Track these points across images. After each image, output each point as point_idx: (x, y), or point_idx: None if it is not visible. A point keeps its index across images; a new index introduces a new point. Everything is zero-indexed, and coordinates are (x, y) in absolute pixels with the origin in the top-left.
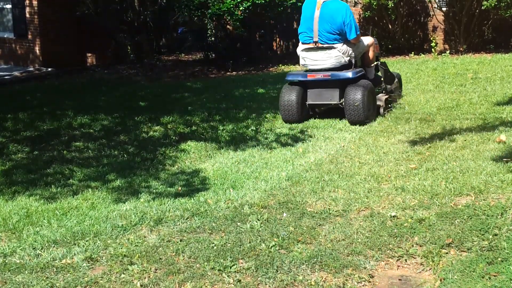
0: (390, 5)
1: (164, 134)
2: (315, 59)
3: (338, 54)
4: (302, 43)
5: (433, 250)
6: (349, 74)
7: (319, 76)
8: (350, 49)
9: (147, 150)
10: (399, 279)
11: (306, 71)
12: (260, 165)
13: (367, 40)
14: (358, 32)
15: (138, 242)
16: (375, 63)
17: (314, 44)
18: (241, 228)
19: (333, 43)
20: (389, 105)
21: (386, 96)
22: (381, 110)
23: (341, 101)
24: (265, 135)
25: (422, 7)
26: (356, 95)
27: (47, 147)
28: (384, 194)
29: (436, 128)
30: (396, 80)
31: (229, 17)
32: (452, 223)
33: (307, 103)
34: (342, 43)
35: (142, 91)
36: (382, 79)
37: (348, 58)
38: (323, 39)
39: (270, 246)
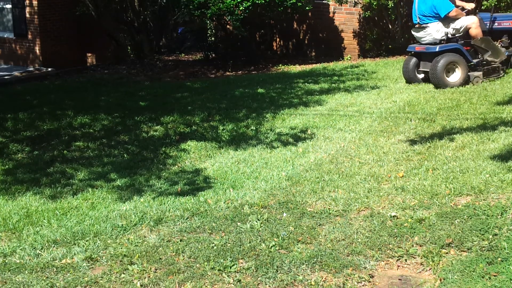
0: (390, 5)
1: (164, 134)
2: (419, 36)
3: (432, 31)
4: (413, 24)
5: (433, 250)
6: (436, 48)
7: (419, 49)
8: (443, 27)
9: (147, 150)
10: (399, 279)
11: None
12: (260, 165)
13: (468, 19)
14: (449, 10)
15: (138, 242)
16: (480, 38)
17: (418, 24)
18: (241, 228)
19: (427, 23)
20: (495, 75)
21: (486, 68)
22: (473, 79)
23: None
24: (265, 135)
25: None
26: (436, 64)
27: (48, 147)
28: (384, 194)
29: (436, 128)
30: (489, 52)
31: (229, 17)
32: (452, 223)
33: (419, 69)
34: (435, 23)
35: (142, 91)
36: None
37: (442, 35)
38: (421, 20)
39: (270, 246)
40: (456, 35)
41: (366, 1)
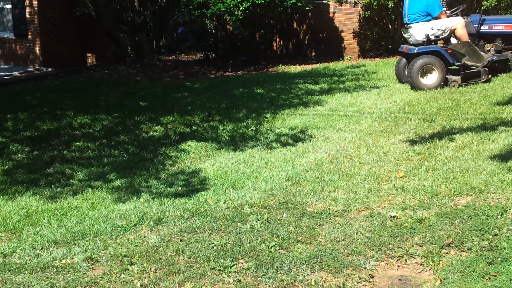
0: (390, 5)
1: (164, 134)
2: (406, 37)
3: (414, 32)
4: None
5: (433, 250)
6: (414, 49)
7: (405, 49)
8: (426, 28)
9: (147, 150)
10: (399, 279)
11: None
12: (260, 165)
13: (453, 20)
14: (441, 10)
15: (138, 242)
16: (460, 42)
17: (405, 24)
18: (241, 228)
19: (412, 23)
20: (476, 80)
21: (463, 71)
22: (450, 83)
23: None
24: (265, 135)
25: None
26: (412, 66)
27: (47, 147)
28: (384, 194)
29: (436, 128)
30: (467, 57)
31: (229, 17)
32: (452, 223)
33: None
34: (419, 23)
35: (142, 91)
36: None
37: (423, 36)
38: (408, 20)
39: (270, 246)
40: (441, 37)
41: (366, 1)
